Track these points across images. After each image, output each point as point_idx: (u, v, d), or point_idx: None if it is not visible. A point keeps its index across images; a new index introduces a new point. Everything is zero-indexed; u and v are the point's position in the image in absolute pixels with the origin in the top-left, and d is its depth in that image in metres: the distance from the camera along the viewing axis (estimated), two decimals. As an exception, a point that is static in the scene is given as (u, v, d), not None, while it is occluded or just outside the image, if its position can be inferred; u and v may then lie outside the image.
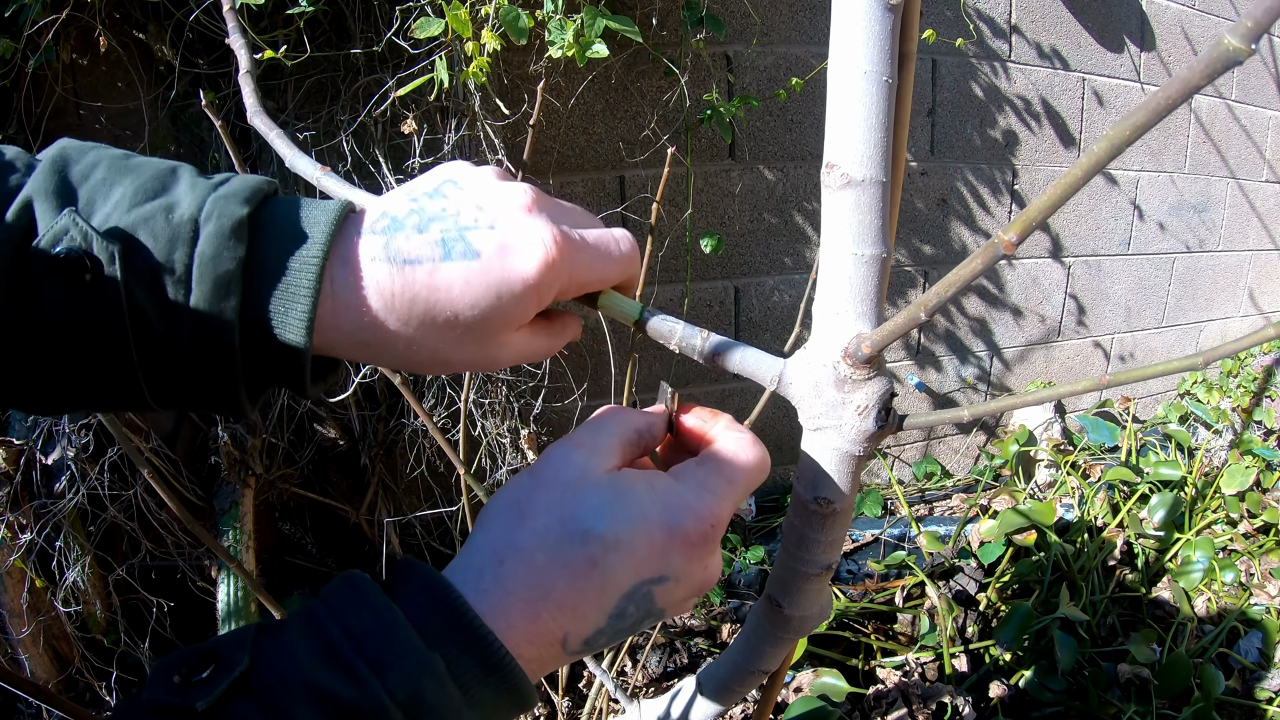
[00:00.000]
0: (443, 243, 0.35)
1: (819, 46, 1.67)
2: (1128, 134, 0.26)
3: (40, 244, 0.31)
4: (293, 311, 0.33)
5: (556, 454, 0.35)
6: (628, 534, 0.32)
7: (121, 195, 0.33)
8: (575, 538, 0.31)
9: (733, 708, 0.68)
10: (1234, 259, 2.50)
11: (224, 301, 0.32)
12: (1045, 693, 1.35)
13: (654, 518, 0.32)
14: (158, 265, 0.32)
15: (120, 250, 0.31)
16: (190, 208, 0.33)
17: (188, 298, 0.32)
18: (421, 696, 0.27)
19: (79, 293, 0.31)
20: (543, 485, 0.33)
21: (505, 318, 0.36)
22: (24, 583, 1.17)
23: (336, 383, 0.40)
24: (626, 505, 0.32)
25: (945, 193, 1.91)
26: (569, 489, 0.33)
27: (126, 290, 0.31)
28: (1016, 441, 1.98)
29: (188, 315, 0.32)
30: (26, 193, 0.32)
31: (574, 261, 0.38)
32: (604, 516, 0.32)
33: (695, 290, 1.69)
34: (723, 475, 0.35)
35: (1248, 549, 1.74)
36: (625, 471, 0.34)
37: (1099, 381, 0.36)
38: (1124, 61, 2.06)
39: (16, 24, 1.12)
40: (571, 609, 0.31)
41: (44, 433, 1.15)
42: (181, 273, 0.32)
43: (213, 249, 0.32)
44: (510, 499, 0.34)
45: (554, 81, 1.41)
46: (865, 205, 0.41)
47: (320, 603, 0.29)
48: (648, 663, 1.45)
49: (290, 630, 0.28)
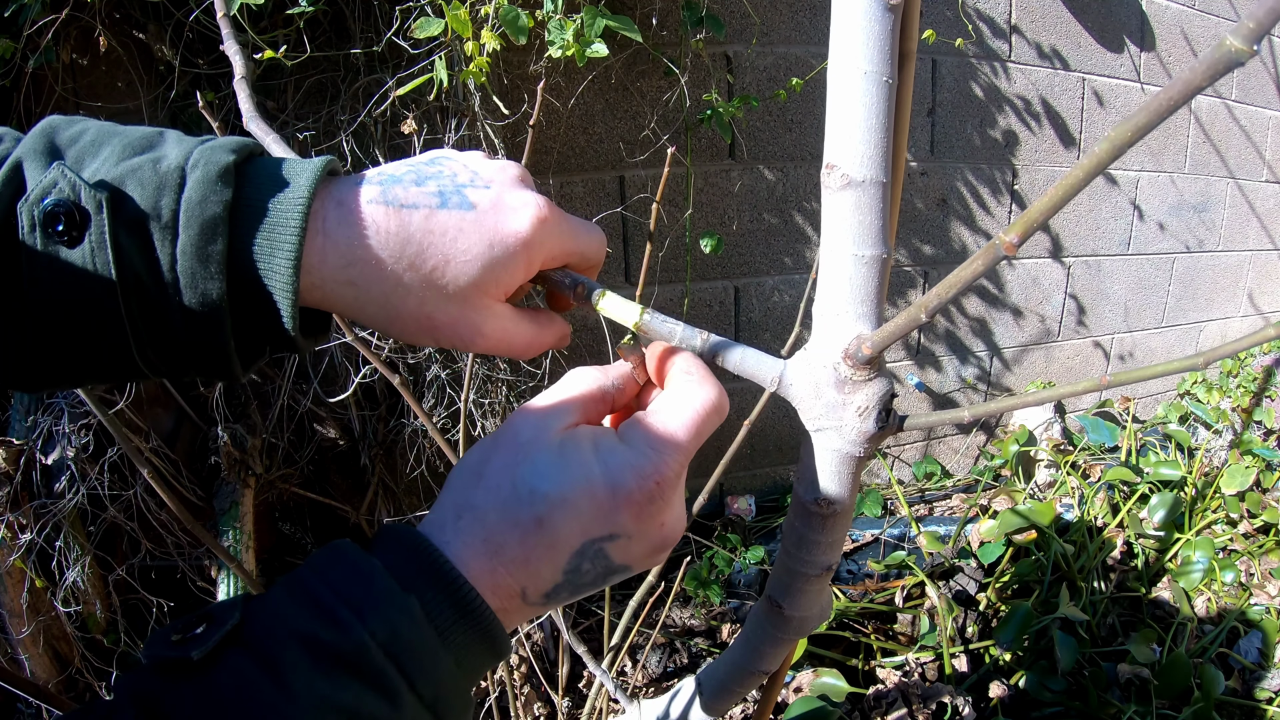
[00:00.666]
0: (440, 193, 0.37)
1: (819, 46, 1.67)
2: (1129, 135, 0.26)
3: (28, 198, 0.31)
4: (279, 253, 0.33)
5: (518, 416, 0.35)
6: (572, 494, 0.32)
7: (110, 152, 0.33)
8: (524, 497, 0.32)
9: (733, 708, 0.68)
10: (1234, 259, 2.50)
11: (210, 245, 0.32)
12: (1045, 693, 1.35)
13: (597, 477, 0.33)
14: (144, 214, 0.32)
15: (108, 198, 0.32)
16: (177, 158, 0.33)
17: (174, 243, 0.32)
18: (399, 634, 0.28)
19: (67, 244, 0.31)
20: (501, 446, 0.34)
21: (495, 274, 0.37)
22: (24, 583, 1.17)
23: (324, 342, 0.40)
24: (570, 465, 0.33)
25: (945, 193, 1.91)
26: (522, 449, 0.33)
27: (114, 239, 0.32)
28: (1016, 441, 1.98)
29: (175, 262, 0.32)
30: (15, 156, 0.32)
31: (561, 228, 0.39)
32: (550, 476, 0.32)
33: (695, 290, 1.69)
34: (668, 429, 0.35)
35: (1248, 549, 1.74)
36: (577, 430, 0.35)
37: (1099, 382, 0.36)
38: (1124, 61, 2.06)
39: (16, 24, 1.12)
40: (523, 564, 0.32)
41: (44, 433, 1.15)
42: (169, 219, 0.32)
43: (199, 194, 0.32)
44: (472, 460, 0.35)
45: (554, 81, 1.41)
46: (865, 206, 0.41)
47: (304, 567, 0.30)
48: (648, 663, 1.45)
49: (276, 590, 0.29)
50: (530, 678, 1.37)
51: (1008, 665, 1.42)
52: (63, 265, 0.31)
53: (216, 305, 0.33)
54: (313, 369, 1.32)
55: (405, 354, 1.37)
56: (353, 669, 0.27)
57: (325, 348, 1.30)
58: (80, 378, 0.35)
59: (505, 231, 0.37)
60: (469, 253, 0.36)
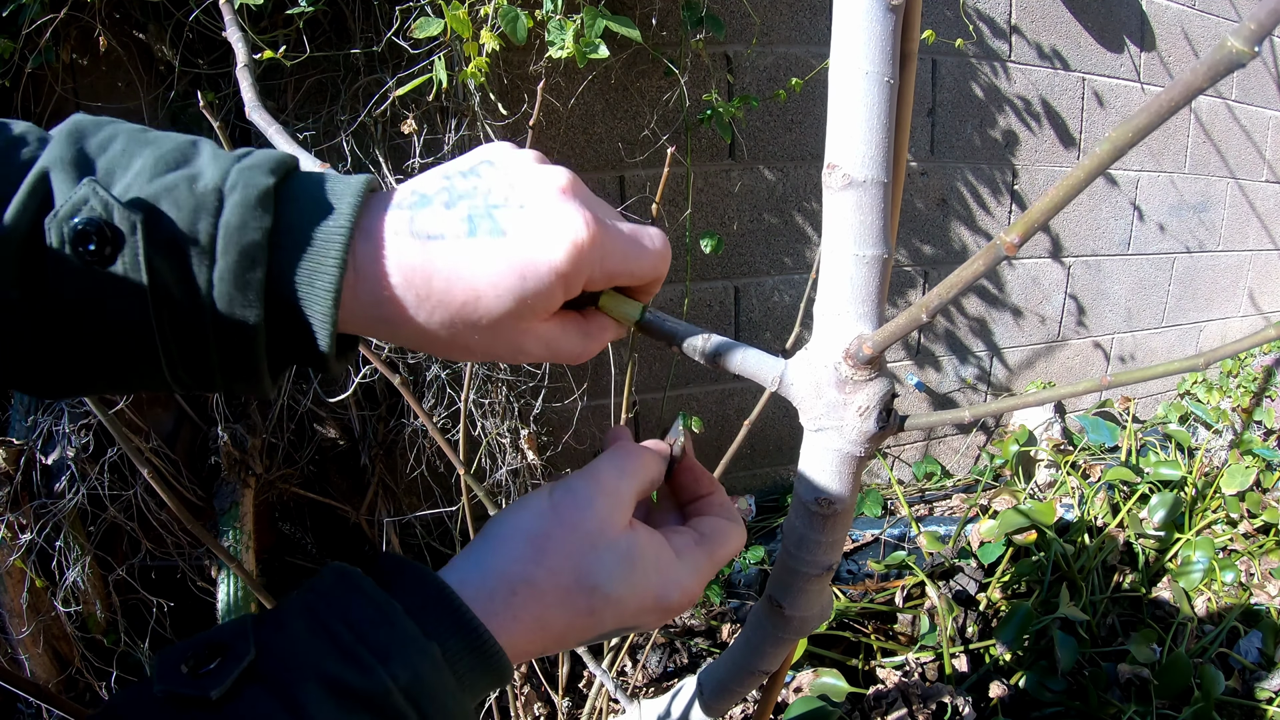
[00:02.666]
0: (469, 219, 0.34)
1: (819, 46, 1.67)
2: (1130, 136, 0.26)
3: (57, 215, 0.30)
4: (319, 283, 0.32)
5: (581, 493, 0.36)
6: (627, 596, 0.35)
7: (142, 166, 0.32)
8: (584, 590, 0.34)
9: (733, 707, 0.68)
10: (1234, 259, 2.50)
11: (250, 272, 0.31)
12: (1045, 693, 1.35)
13: (652, 587, 0.36)
14: (181, 235, 0.31)
15: (143, 220, 0.30)
16: (214, 178, 0.32)
17: (212, 268, 0.31)
18: (421, 679, 0.29)
19: (98, 264, 0.30)
20: (565, 525, 0.35)
21: (528, 303, 0.35)
22: (24, 583, 1.17)
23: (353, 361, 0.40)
24: (634, 573, 0.35)
25: (945, 193, 1.91)
26: (588, 539, 0.35)
27: (148, 262, 0.31)
28: (1016, 441, 1.98)
29: (212, 286, 0.31)
30: (42, 164, 0.31)
31: (606, 250, 0.36)
32: (614, 579, 0.35)
33: (695, 290, 1.69)
34: (712, 559, 0.39)
35: (1248, 549, 1.74)
36: (639, 534, 0.37)
37: (1099, 382, 0.36)
38: (1124, 61, 2.06)
39: (16, 24, 1.12)
40: (560, 637, 0.35)
41: (44, 433, 1.15)
42: (206, 243, 0.31)
43: (238, 219, 0.31)
44: (530, 529, 0.35)
45: (554, 81, 1.41)
46: (867, 206, 0.41)
47: (316, 597, 0.30)
48: (648, 663, 1.45)
49: (291, 622, 0.29)
50: (530, 677, 1.37)
51: (1008, 665, 1.42)
52: (93, 280, 0.30)
53: (253, 330, 0.32)
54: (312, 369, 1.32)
55: (405, 354, 1.37)
56: (375, 711, 0.28)
57: (325, 348, 1.30)
58: (104, 388, 0.35)
59: (538, 262, 0.34)
60: (499, 286, 0.34)
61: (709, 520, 0.41)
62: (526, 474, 1.48)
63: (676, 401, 1.74)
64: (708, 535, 0.40)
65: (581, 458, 1.64)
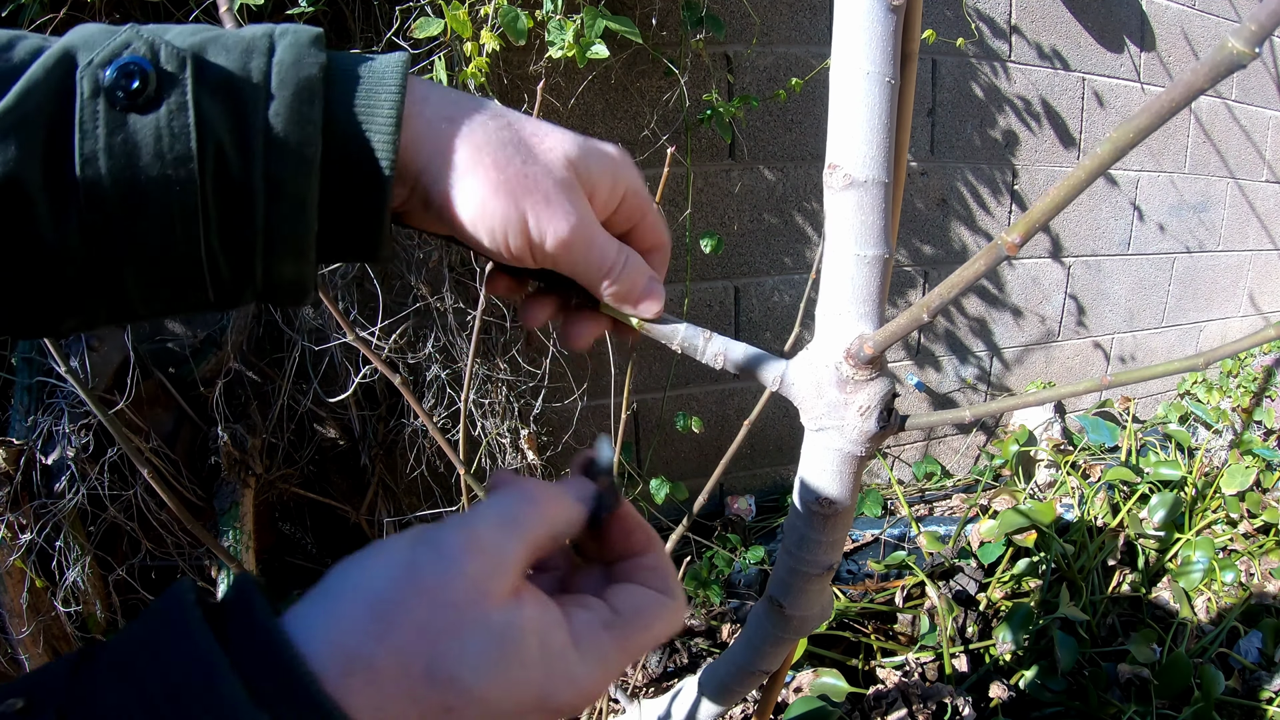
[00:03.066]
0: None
1: (819, 46, 1.67)
2: (1130, 136, 0.26)
3: (93, 62, 0.28)
4: (379, 109, 0.31)
5: (448, 549, 0.27)
6: (497, 695, 0.26)
7: (180, 31, 0.30)
8: (438, 682, 0.26)
9: (733, 708, 0.68)
10: (1234, 259, 2.50)
11: (307, 107, 0.30)
12: (1045, 693, 1.35)
13: (533, 685, 0.27)
14: (233, 76, 0.29)
15: (193, 57, 0.29)
16: (259, 30, 0.31)
17: (267, 105, 0.29)
18: None
19: (139, 110, 0.28)
20: (421, 592, 0.26)
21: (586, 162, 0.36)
22: (24, 583, 1.17)
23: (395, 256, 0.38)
24: (508, 663, 0.27)
25: (945, 193, 1.91)
26: (450, 614, 0.26)
27: (196, 104, 0.28)
28: (1016, 441, 1.98)
29: (267, 127, 0.29)
30: (61, 44, 0.29)
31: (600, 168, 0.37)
32: (479, 669, 0.26)
33: (695, 290, 1.69)
34: (624, 648, 0.30)
35: (1248, 549, 1.74)
36: (524, 609, 0.28)
37: (1099, 382, 0.36)
38: (1124, 61, 2.06)
39: (16, 23, 1.12)
40: None
41: (44, 433, 1.15)
42: (260, 80, 0.29)
43: (293, 56, 0.30)
44: (377, 592, 0.26)
45: (554, 81, 1.41)
46: (868, 206, 0.41)
47: (136, 643, 0.25)
48: (648, 663, 1.45)
49: (102, 675, 0.24)
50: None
51: (1008, 665, 1.42)
52: (129, 136, 0.28)
53: (308, 171, 0.30)
54: (313, 369, 1.32)
55: (405, 354, 1.37)
56: None
57: (325, 347, 1.30)
58: (125, 290, 0.31)
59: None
60: (559, 135, 0.35)
61: (630, 592, 0.32)
62: (526, 474, 1.48)
63: (676, 401, 1.74)
64: (623, 615, 0.31)
65: (581, 458, 1.64)
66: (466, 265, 1.37)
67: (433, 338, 1.36)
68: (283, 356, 1.31)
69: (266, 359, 1.32)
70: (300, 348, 1.30)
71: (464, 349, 1.37)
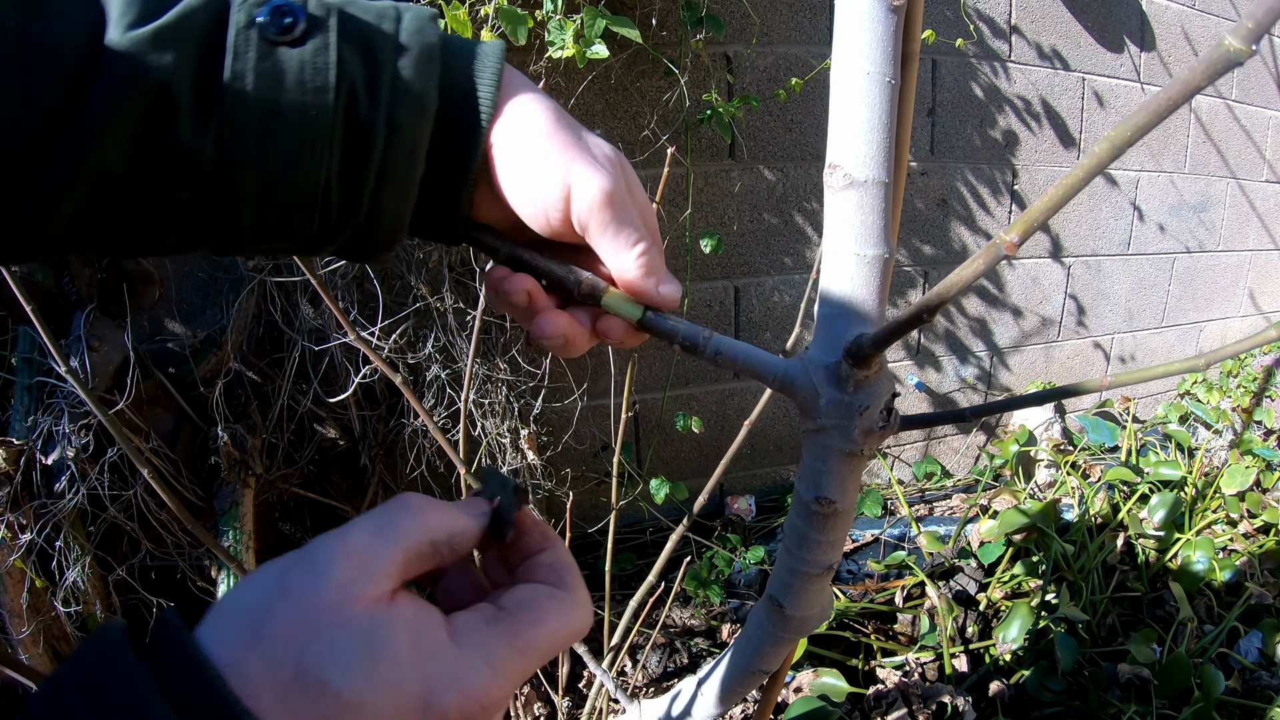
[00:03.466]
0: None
1: (819, 46, 1.67)
2: (1129, 135, 0.26)
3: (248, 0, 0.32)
4: (485, 73, 0.37)
5: (320, 555, 0.27)
6: (372, 699, 0.25)
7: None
8: (309, 689, 0.25)
9: (733, 708, 0.68)
10: (1234, 259, 2.50)
11: (428, 65, 0.35)
12: (1045, 693, 1.35)
13: (410, 686, 0.26)
14: (369, 29, 0.34)
15: (338, 11, 0.34)
16: (387, 4, 0.36)
17: (395, 61, 0.34)
18: None
19: (289, 44, 0.32)
20: (289, 597, 0.26)
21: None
22: (24, 583, 1.17)
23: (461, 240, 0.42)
24: (378, 664, 0.25)
25: (945, 193, 1.91)
26: (318, 616, 0.26)
27: (338, 50, 0.33)
28: (1016, 441, 1.98)
29: (396, 74, 0.34)
30: None
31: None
32: (350, 672, 0.25)
33: (695, 290, 1.69)
34: (513, 644, 0.28)
35: (1248, 549, 1.74)
36: (396, 609, 0.27)
37: (1100, 382, 0.36)
38: (1124, 61, 2.06)
39: None
40: None
41: (44, 433, 1.15)
42: (392, 34, 0.35)
43: (416, 25, 0.36)
44: (250, 601, 0.26)
45: (554, 81, 1.41)
46: (868, 206, 0.41)
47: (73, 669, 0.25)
48: (648, 663, 1.45)
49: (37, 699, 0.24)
50: (530, 677, 1.38)
51: (1008, 665, 1.42)
52: (277, 64, 0.32)
53: (425, 113, 0.35)
54: (313, 369, 1.32)
55: (405, 354, 1.37)
56: None
57: (325, 347, 1.30)
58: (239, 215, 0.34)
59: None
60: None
61: (519, 589, 0.31)
62: (527, 474, 1.48)
63: (676, 401, 1.74)
64: (509, 611, 0.29)
65: (582, 458, 1.64)
66: (466, 265, 1.37)
67: (433, 338, 1.36)
68: (283, 356, 1.31)
69: (266, 359, 1.32)
70: (300, 348, 1.30)
71: (464, 349, 1.37)
